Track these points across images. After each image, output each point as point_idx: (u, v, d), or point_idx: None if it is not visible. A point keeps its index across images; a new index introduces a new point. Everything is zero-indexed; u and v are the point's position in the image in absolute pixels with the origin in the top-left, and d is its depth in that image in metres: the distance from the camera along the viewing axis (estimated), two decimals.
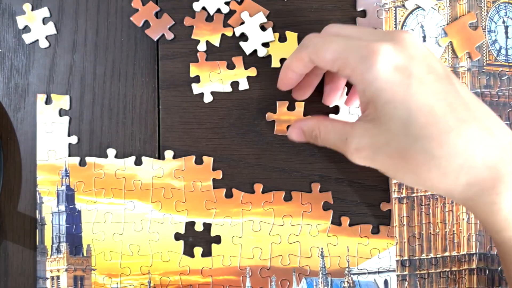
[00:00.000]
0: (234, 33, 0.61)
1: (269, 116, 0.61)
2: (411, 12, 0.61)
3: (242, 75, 0.61)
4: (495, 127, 0.45)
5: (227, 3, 0.61)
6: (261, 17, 0.61)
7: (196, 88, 0.61)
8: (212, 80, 0.61)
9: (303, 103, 0.60)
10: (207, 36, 0.61)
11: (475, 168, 0.43)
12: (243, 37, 0.61)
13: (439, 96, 0.45)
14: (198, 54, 0.61)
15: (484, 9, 0.60)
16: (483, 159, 0.43)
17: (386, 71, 0.45)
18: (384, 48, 0.45)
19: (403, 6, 0.61)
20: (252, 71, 0.61)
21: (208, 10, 0.61)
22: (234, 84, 0.61)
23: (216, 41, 0.61)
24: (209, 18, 0.62)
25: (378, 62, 0.45)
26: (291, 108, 0.60)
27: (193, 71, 0.61)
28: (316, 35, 0.51)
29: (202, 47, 0.61)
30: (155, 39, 0.62)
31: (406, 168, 0.45)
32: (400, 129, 0.45)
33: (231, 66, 0.61)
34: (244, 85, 0.61)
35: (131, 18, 0.62)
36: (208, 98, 0.61)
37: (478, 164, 0.43)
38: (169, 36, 0.62)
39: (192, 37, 0.61)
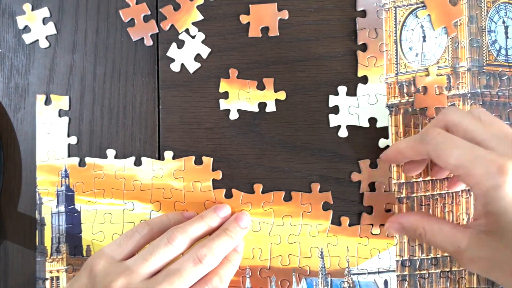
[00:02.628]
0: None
1: (355, 176, 0.60)
2: (411, 12, 0.61)
3: (271, 97, 0.61)
4: None
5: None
6: None
7: (223, 104, 0.61)
8: (240, 98, 0.61)
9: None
10: None
11: None
12: None
13: None
14: (230, 70, 0.61)
15: (484, 9, 0.60)
16: None
17: None
18: None
19: (406, 5, 0.61)
20: (281, 95, 0.61)
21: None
22: (261, 105, 0.61)
23: None
24: None
25: (507, 184, 0.44)
26: (373, 166, 0.60)
27: (223, 86, 0.61)
28: (439, 132, 0.49)
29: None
30: (134, 40, 0.62)
31: None
32: None
33: (261, 87, 0.61)
34: (271, 107, 0.61)
35: (119, 11, 0.62)
36: (234, 115, 0.61)
37: None
38: (148, 42, 0.61)
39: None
